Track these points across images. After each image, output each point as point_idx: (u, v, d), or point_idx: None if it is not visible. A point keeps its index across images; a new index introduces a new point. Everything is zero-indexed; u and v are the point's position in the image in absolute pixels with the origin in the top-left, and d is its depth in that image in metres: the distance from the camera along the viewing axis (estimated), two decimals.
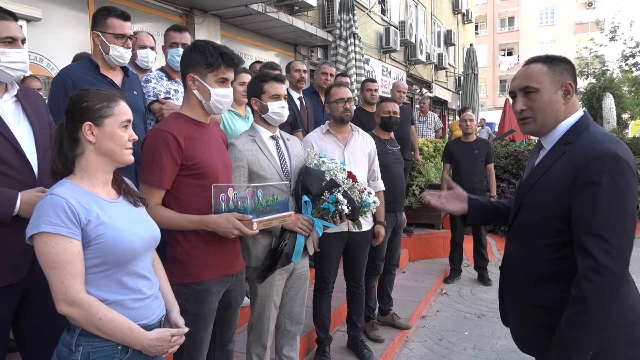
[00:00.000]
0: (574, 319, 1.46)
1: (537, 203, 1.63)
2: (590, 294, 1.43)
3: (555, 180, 1.56)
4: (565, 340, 1.48)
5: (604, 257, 1.41)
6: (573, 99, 1.64)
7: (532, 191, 1.65)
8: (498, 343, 3.92)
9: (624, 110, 11.53)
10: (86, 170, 1.54)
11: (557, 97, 1.61)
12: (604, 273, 1.41)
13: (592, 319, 1.43)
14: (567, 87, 1.62)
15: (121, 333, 1.44)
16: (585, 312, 1.44)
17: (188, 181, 1.95)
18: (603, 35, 18.94)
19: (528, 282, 1.66)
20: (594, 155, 1.48)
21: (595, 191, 1.45)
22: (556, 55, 1.69)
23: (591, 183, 1.46)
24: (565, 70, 1.63)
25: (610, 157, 1.46)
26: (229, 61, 1.97)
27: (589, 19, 35.87)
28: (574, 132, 1.60)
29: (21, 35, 1.89)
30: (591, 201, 1.45)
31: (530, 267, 1.65)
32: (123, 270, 1.50)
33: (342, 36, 7.36)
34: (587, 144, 1.53)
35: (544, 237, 1.60)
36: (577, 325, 1.46)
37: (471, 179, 5.32)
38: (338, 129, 3.23)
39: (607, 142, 1.51)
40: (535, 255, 1.63)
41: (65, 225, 1.39)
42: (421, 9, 17.95)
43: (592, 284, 1.42)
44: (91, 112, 1.51)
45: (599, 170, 1.45)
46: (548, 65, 1.62)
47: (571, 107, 1.64)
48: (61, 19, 5.75)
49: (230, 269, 2.11)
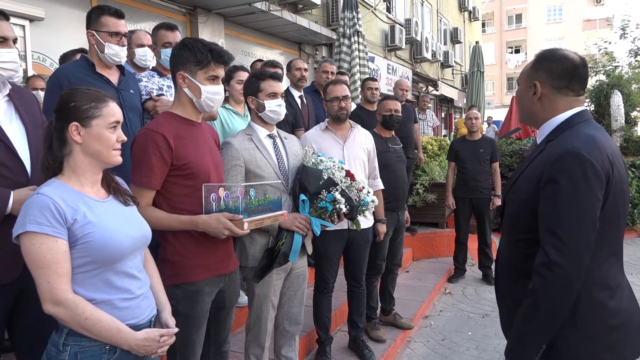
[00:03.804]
0: (525, 311, 1.49)
1: (515, 198, 1.65)
2: (539, 289, 1.45)
3: (530, 177, 1.57)
4: (517, 331, 1.52)
5: (554, 254, 1.42)
6: (550, 98, 1.60)
7: (514, 187, 1.68)
8: (501, 343, 3.87)
9: (633, 107, 11.36)
10: (74, 170, 1.53)
11: (527, 94, 1.65)
12: (554, 269, 1.41)
13: (540, 314, 1.45)
14: (534, 85, 1.62)
15: (108, 333, 1.43)
16: (535, 306, 1.46)
17: (178, 181, 1.94)
18: (612, 32, 18.72)
19: (510, 277, 1.67)
20: (558, 154, 1.48)
21: (554, 189, 1.46)
22: (548, 54, 1.64)
23: (552, 180, 1.46)
24: (544, 68, 1.60)
25: (572, 157, 1.44)
26: (219, 58, 1.94)
27: (598, 16, 35.55)
28: (560, 129, 1.59)
29: (12, 35, 1.89)
30: (550, 198, 1.46)
31: (510, 262, 1.67)
32: (111, 269, 1.49)
33: (346, 34, 7.32)
34: (561, 142, 1.52)
35: (520, 232, 1.61)
36: (526, 318, 1.48)
37: (476, 177, 5.29)
38: (337, 126, 3.20)
39: (576, 141, 1.48)
40: (514, 250, 1.65)
41: (51, 225, 1.39)
42: (427, 6, 17.86)
43: (542, 278, 1.44)
44: (78, 113, 1.50)
45: (559, 168, 1.45)
46: (533, 62, 1.66)
47: (563, 105, 1.59)
48: (64, 19, 5.77)
49: (223, 269, 2.09)
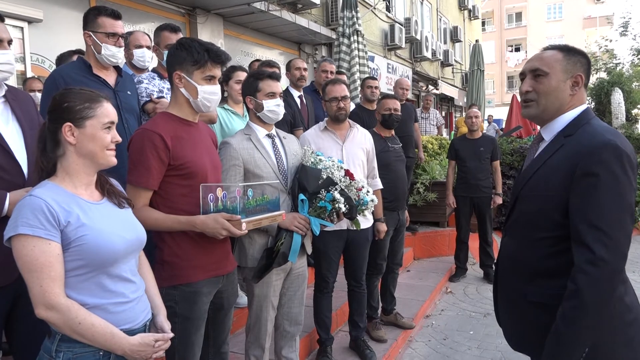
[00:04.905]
0: (570, 313, 1.43)
1: (534, 195, 1.60)
2: (586, 287, 1.39)
3: (554, 172, 1.53)
4: (560, 336, 1.44)
5: (600, 249, 1.38)
6: (580, 92, 1.62)
7: (530, 183, 1.62)
8: (503, 342, 3.81)
9: (634, 105, 11.34)
10: (68, 172, 1.51)
11: (564, 85, 1.60)
12: (601, 265, 1.38)
13: (588, 314, 1.39)
14: (577, 78, 1.60)
15: (102, 338, 1.40)
16: (581, 307, 1.40)
17: (176, 181, 1.92)
18: (613, 30, 18.67)
19: (523, 278, 1.62)
20: (593, 146, 1.45)
21: (593, 182, 1.42)
22: (575, 47, 1.66)
23: (589, 174, 1.43)
24: (580, 62, 1.61)
25: (610, 148, 1.43)
26: (216, 58, 1.93)
27: (598, 14, 35.48)
28: (576, 124, 1.58)
29: (7, 37, 1.87)
30: (589, 192, 1.42)
31: (526, 262, 1.61)
32: (105, 273, 1.47)
33: (345, 33, 7.29)
34: (587, 135, 1.51)
35: (541, 230, 1.56)
36: (572, 320, 1.42)
37: (477, 176, 5.28)
38: (336, 125, 3.18)
39: (607, 133, 1.48)
40: (531, 250, 1.59)
41: (44, 227, 1.36)
42: (427, 5, 17.83)
43: (588, 276, 1.39)
44: (72, 113, 1.48)
45: (597, 161, 1.42)
46: (564, 54, 1.61)
47: (577, 100, 1.62)
48: (62, 20, 5.75)
49: (221, 270, 2.07)
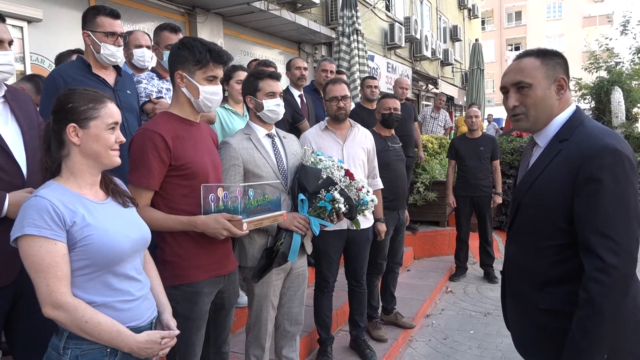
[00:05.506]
0: (585, 323, 1.41)
1: (536, 204, 1.57)
2: (599, 296, 1.37)
3: (554, 179, 1.51)
4: (578, 346, 1.42)
5: (610, 256, 1.36)
6: (566, 94, 1.59)
7: (531, 191, 1.59)
8: (504, 342, 3.86)
9: (634, 104, 11.32)
10: (72, 172, 1.52)
11: (550, 92, 1.56)
12: (612, 273, 1.36)
13: (604, 322, 1.38)
14: (560, 81, 1.57)
15: (108, 336, 1.43)
16: (596, 315, 1.38)
17: (177, 181, 1.92)
18: (613, 29, 18.62)
19: (532, 286, 1.59)
20: (593, 151, 1.43)
21: (597, 188, 1.40)
22: (548, 49, 1.63)
23: (592, 180, 1.41)
24: (559, 64, 1.58)
25: (610, 152, 1.41)
26: (218, 58, 1.93)
27: (597, 13, 35.46)
28: (569, 127, 1.55)
29: (8, 37, 1.87)
30: (593, 199, 1.40)
31: (534, 270, 1.58)
32: (110, 272, 1.49)
33: (345, 33, 7.29)
34: (585, 138, 1.48)
35: (546, 238, 1.54)
36: (588, 329, 1.40)
37: (477, 175, 5.28)
38: (336, 125, 3.18)
39: (605, 136, 1.46)
40: (538, 258, 1.57)
41: (50, 228, 1.38)
42: (426, 4, 17.81)
43: (601, 285, 1.37)
44: (76, 114, 1.49)
45: (599, 166, 1.40)
46: (541, 59, 1.57)
47: (564, 103, 1.59)
48: (62, 20, 5.74)
49: (222, 270, 2.08)
